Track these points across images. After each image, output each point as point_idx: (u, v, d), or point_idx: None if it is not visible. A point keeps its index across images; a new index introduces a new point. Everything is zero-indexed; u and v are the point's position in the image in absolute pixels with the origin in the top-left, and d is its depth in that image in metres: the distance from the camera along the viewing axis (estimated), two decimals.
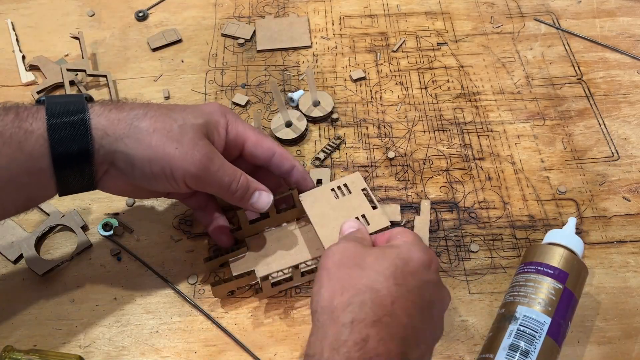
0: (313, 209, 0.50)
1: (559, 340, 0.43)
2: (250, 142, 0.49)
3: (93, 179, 0.44)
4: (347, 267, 0.40)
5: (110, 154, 0.43)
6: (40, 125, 0.41)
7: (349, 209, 0.50)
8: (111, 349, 0.48)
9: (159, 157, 0.43)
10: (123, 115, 0.43)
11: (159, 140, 0.43)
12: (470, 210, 0.55)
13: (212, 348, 0.48)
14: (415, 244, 0.42)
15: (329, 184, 0.52)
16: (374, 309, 0.37)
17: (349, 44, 0.69)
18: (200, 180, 0.45)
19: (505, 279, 0.51)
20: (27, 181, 0.42)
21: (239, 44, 0.69)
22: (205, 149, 0.45)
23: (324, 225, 0.49)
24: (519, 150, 0.60)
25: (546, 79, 0.65)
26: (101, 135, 0.42)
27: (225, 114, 0.48)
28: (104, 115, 0.43)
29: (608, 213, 0.55)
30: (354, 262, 0.40)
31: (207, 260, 0.50)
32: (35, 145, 0.41)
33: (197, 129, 0.45)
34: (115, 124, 0.43)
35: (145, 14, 0.73)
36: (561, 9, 0.72)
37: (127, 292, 0.51)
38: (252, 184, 0.47)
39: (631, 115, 0.62)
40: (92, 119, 0.43)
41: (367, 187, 0.51)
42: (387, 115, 0.63)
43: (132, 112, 0.44)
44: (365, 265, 0.40)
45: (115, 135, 0.43)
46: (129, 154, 0.43)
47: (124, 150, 0.43)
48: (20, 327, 0.49)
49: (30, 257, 0.52)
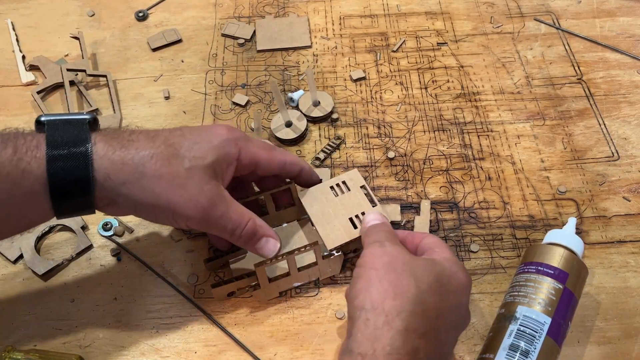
0: (313, 208, 0.50)
1: (559, 340, 0.43)
2: (262, 161, 0.48)
3: (93, 208, 0.43)
4: (398, 273, 0.40)
5: (112, 195, 0.42)
6: (39, 164, 0.40)
7: (348, 207, 0.50)
8: (111, 349, 0.48)
9: (162, 205, 0.43)
10: (128, 158, 0.42)
11: (164, 188, 0.42)
12: (470, 210, 0.55)
13: (212, 348, 0.48)
14: (457, 263, 0.43)
15: (328, 182, 0.52)
16: (423, 321, 0.38)
17: (349, 44, 0.69)
18: (202, 225, 0.45)
19: (505, 279, 0.51)
20: (25, 211, 0.42)
21: (239, 44, 0.69)
22: (211, 193, 0.44)
23: (324, 224, 0.49)
24: (519, 150, 0.60)
25: (546, 79, 0.65)
26: (104, 178, 0.41)
27: (236, 142, 0.46)
28: (107, 157, 0.41)
29: (608, 213, 0.55)
30: (404, 269, 0.40)
31: (208, 261, 0.50)
32: (34, 184, 0.40)
33: (205, 171, 0.44)
34: (119, 168, 0.41)
35: (145, 14, 0.73)
36: (561, 9, 0.72)
37: (127, 292, 0.51)
38: (259, 230, 0.47)
39: (631, 115, 0.62)
40: (95, 160, 0.41)
41: (366, 183, 0.51)
42: (387, 115, 0.63)
43: (138, 154, 0.42)
44: (416, 275, 0.40)
45: (118, 181, 0.41)
46: (131, 199, 0.42)
47: (126, 194, 0.42)
48: (20, 327, 0.49)
49: (30, 257, 0.52)
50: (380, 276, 0.40)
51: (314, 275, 0.50)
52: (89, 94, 0.64)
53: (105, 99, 0.65)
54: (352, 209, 0.50)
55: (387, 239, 0.44)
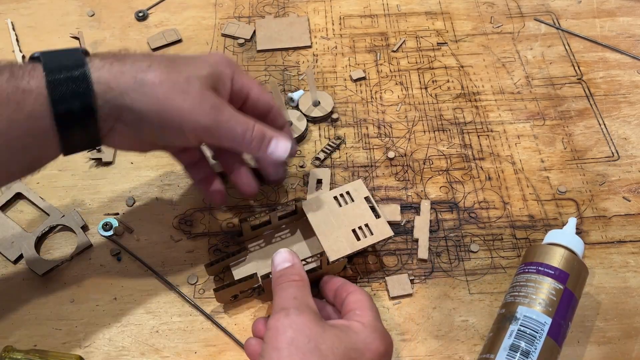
0: (316, 217, 0.49)
1: (559, 340, 0.43)
2: (253, 93, 0.48)
3: (98, 135, 0.42)
4: (301, 352, 0.37)
5: (116, 109, 0.41)
6: (38, 83, 0.39)
7: (351, 218, 0.49)
8: (111, 349, 0.48)
9: (168, 110, 0.41)
10: (126, 67, 0.41)
11: (167, 93, 0.41)
12: (470, 210, 0.55)
13: (212, 348, 0.48)
14: (376, 330, 0.40)
15: (332, 191, 0.51)
16: None
17: (349, 44, 0.69)
18: (212, 133, 0.43)
19: (505, 279, 0.51)
20: (30, 142, 0.40)
21: (239, 44, 0.69)
22: (214, 99, 0.43)
23: (327, 234, 0.48)
24: (519, 150, 0.60)
25: (546, 79, 0.65)
26: (104, 89, 0.40)
27: (230, 65, 0.46)
28: (106, 69, 0.41)
29: (608, 213, 0.55)
30: (307, 347, 0.37)
31: (209, 265, 0.50)
32: (35, 104, 0.39)
33: (203, 81, 0.43)
34: (119, 77, 0.40)
35: (145, 14, 0.73)
36: (561, 9, 0.72)
37: (127, 292, 0.51)
38: (267, 131, 0.46)
39: (631, 115, 0.62)
40: (93, 72, 0.40)
41: (370, 195, 0.51)
42: (387, 115, 0.63)
43: (135, 64, 0.41)
44: (321, 351, 0.37)
45: (119, 90, 0.40)
46: (136, 109, 0.41)
47: (130, 105, 0.41)
48: (20, 327, 0.49)
49: (30, 257, 0.52)
50: (282, 357, 0.37)
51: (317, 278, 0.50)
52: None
53: None
54: (355, 220, 0.49)
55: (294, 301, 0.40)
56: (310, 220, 0.49)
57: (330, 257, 0.47)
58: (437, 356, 0.47)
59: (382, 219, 0.49)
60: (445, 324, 0.49)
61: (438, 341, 0.48)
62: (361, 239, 0.48)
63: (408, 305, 0.50)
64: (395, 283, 0.51)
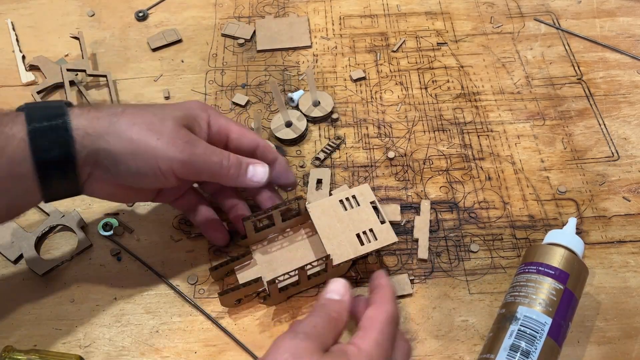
0: (321, 220, 0.49)
1: (560, 340, 0.43)
2: (234, 133, 0.49)
3: (77, 182, 0.44)
4: None
5: (93, 154, 0.42)
6: (20, 129, 0.41)
7: (356, 222, 0.49)
8: (111, 349, 0.48)
9: (142, 151, 0.43)
10: (102, 113, 0.43)
11: (140, 134, 0.43)
12: (470, 210, 0.55)
13: (212, 348, 0.48)
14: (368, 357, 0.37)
15: (338, 195, 0.51)
16: None
17: (349, 44, 0.69)
18: (188, 167, 0.44)
19: (505, 279, 0.51)
20: (10, 186, 0.41)
21: (239, 44, 0.69)
22: (188, 135, 0.45)
23: (331, 238, 0.48)
24: (519, 150, 0.60)
25: (546, 79, 0.65)
26: (82, 135, 0.42)
27: (205, 108, 0.48)
28: (83, 116, 0.43)
29: (608, 213, 0.55)
30: None
31: (213, 269, 0.50)
32: (16, 149, 0.40)
33: (177, 120, 0.45)
34: (95, 122, 0.42)
35: (145, 14, 0.73)
36: (561, 9, 0.72)
37: (127, 292, 0.51)
38: (243, 159, 0.47)
39: (631, 115, 0.62)
40: (73, 120, 0.42)
41: (376, 200, 0.50)
42: (387, 115, 0.63)
43: (110, 109, 0.44)
44: None
45: (96, 134, 0.42)
46: (111, 151, 0.42)
47: (106, 147, 0.42)
48: (20, 327, 0.49)
49: (30, 257, 0.52)
50: None
51: (321, 280, 0.50)
52: (89, 94, 0.64)
53: (105, 99, 0.65)
54: (360, 225, 0.49)
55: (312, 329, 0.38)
56: (315, 223, 0.49)
57: (334, 261, 0.47)
58: (437, 356, 0.47)
59: (387, 224, 0.49)
60: (445, 324, 0.49)
61: (438, 341, 0.48)
62: (365, 243, 0.48)
63: (408, 305, 0.50)
64: (395, 283, 0.51)
